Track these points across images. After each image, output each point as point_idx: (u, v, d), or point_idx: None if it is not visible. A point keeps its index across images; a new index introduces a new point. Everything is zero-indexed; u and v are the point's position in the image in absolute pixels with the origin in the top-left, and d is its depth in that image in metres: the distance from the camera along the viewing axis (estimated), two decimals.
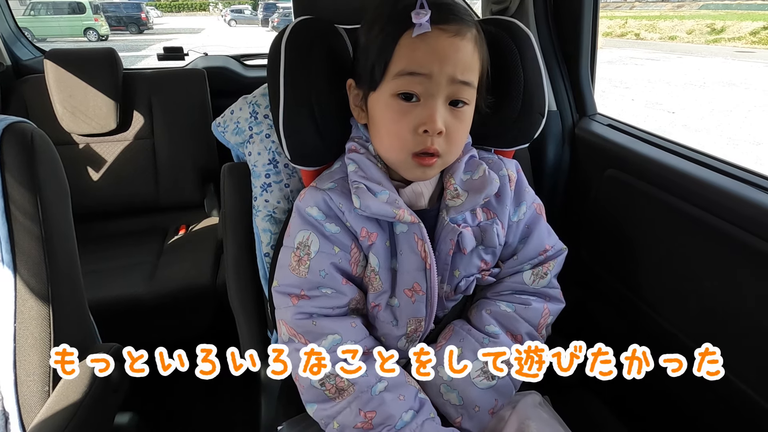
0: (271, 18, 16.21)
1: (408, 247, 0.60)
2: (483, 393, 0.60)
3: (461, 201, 0.62)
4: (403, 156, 0.58)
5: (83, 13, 13.17)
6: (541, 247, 0.68)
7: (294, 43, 0.62)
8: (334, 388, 0.58)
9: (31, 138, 0.64)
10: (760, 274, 0.63)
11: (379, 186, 0.59)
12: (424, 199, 0.64)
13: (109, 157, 1.55)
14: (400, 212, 0.58)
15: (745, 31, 12.82)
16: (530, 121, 0.69)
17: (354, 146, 0.63)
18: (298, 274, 0.59)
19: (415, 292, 0.61)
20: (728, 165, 0.73)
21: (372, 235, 0.60)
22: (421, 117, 0.55)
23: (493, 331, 0.63)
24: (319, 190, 0.61)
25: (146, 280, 1.27)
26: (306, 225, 0.60)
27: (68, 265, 0.69)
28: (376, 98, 0.59)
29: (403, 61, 0.55)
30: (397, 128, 0.57)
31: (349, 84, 0.63)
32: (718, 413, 0.71)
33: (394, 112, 0.56)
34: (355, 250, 0.61)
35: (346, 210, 0.59)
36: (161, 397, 1.24)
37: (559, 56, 1.05)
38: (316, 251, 0.59)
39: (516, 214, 0.67)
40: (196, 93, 1.57)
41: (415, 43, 0.54)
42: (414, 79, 0.55)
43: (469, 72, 0.57)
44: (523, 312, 0.65)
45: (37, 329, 0.64)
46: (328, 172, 0.66)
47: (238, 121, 0.77)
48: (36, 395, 0.64)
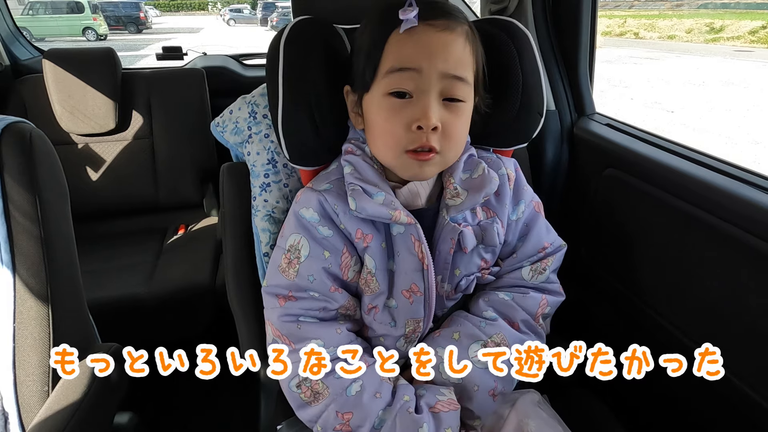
0: (270, 17, 16.20)
1: (405, 248, 0.60)
2: (482, 373, 0.60)
3: (461, 200, 0.61)
4: (397, 154, 0.57)
5: (82, 12, 13.14)
6: (539, 245, 0.68)
7: (293, 42, 0.62)
8: (310, 391, 0.58)
9: (30, 138, 0.64)
10: (758, 274, 0.63)
11: (375, 187, 0.58)
12: (421, 199, 0.63)
13: (108, 157, 1.55)
14: (396, 213, 0.57)
15: (744, 30, 12.82)
16: (529, 121, 0.69)
17: (350, 147, 0.63)
18: (287, 276, 0.59)
19: (413, 293, 0.60)
20: (727, 164, 0.74)
21: (367, 236, 0.60)
22: (414, 113, 0.55)
23: (490, 315, 0.64)
24: (314, 192, 0.61)
25: (145, 280, 1.27)
26: (298, 228, 0.60)
27: (67, 265, 0.69)
28: (370, 100, 0.59)
29: (392, 58, 0.55)
30: (390, 126, 0.56)
31: (346, 90, 0.63)
32: (718, 413, 0.71)
33: (387, 111, 0.56)
34: (347, 254, 0.60)
35: (341, 212, 0.59)
36: (161, 397, 1.24)
37: (558, 56, 1.05)
38: (306, 255, 0.59)
39: (515, 213, 0.67)
40: (195, 93, 1.57)
41: (404, 40, 0.54)
42: (404, 75, 0.54)
43: (461, 67, 0.56)
44: (520, 300, 0.65)
45: (36, 329, 0.64)
46: (324, 173, 0.65)
47: (237, 120, 0.77)
48: (35, 395, 0.64)
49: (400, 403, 0.57)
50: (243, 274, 0.76)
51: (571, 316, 0.71)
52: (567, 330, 0.75)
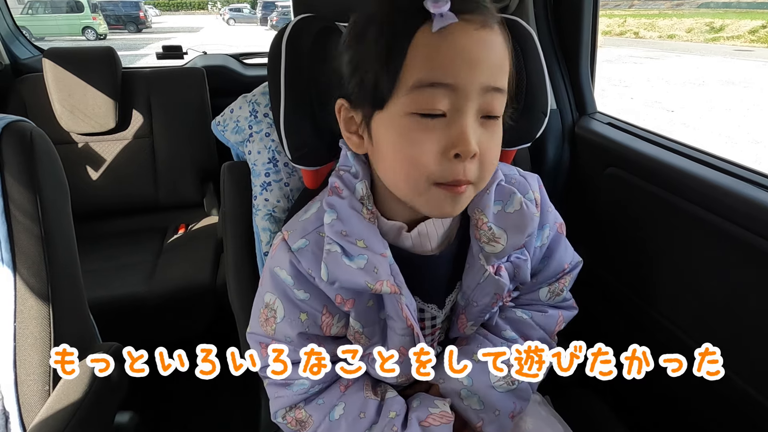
0: (270, 17, 16.18)
1: (393, 310, 0.52)
2: (503, 397, 0.59)
3: (501, 245, 0.51)
4: (423, 188, 0.45)
5: (81, 11, 13.13)
6: (560, 268, 0.65)
7: (294, 41, 0.61)
8: (294, 421, 0.57)
9: (30, 137, 0.64)
10: (760, 273, 0.63)
11: (359, 247, 0.49)
12: (431, 243, 0.54)
13: (108, 157, 1.55)
14: (378, 285, 0.48)
15: (744, 29, 12.82)
16: (533, 121, 0.69)
17: (338, 184, 0.52)
18: (266, 331, 0.57)
19: (403, 354, 0.56)
20: (728, 163, 0.73)
21: (348, 302, 0.52)
22: (449, 137, 0.43)
23: (510, 336, 0.62)
24: (287, 252, 0.52)
25: (146, 279, 1.27)
26: (273, 287, 0.54)
27: (68, 264, 0.69)
28: (384, 119, 0.45)
29: (422, 68, 0.42)
30: (417, 152, 0.44)
31: (339, 106, 0.50)
32: (718, 412, 0.71)
33: (412, 133, 0.44)
34: (327, 315, 0.54)
35: (317, 276, 0.51)
36: (161, 396, 1.24)
37: (559, 54, 1.04)
38: (282, 318, 0.54)
39: (539, 239, 0.61)
40: (195, 92, 1.57)
41: (436, 42, 0.41)
42: (437, 92, 0.42)
43: (501, 75, 0.45)
44: (539, 319, 0.64)
45: (37, 328, 0.64)
46: (303, 217, 0.55)
47: (238, 119, 0.77)
48: (36, 395, 0.64)
49: (385, 421, 0.54)
50: (244, 274, 0.76)
51: None
52: (566, 330, 0.75)
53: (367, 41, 0.45)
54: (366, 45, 0.45)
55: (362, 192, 0.51)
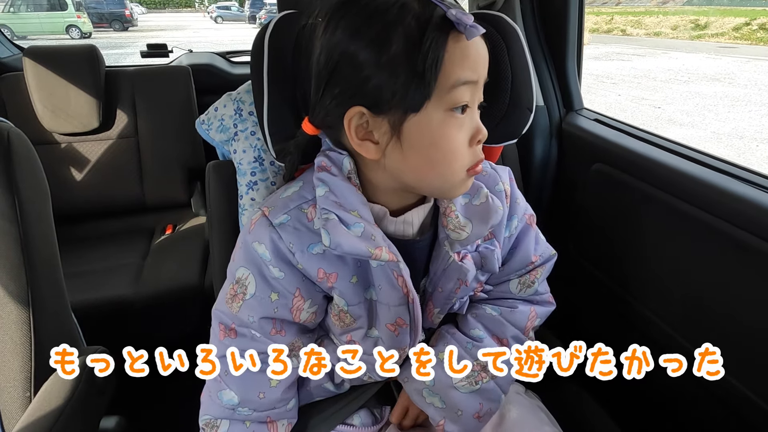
0: (258, 15, 16.05)
1: (386, 281, 0.54)
2: (466, 397, 0.59)
3: (466, 233, 0.55)
4: (462, 176, 0.51)
5: (65, 9, 12.89)
6: (527, 260, 0.66)
7: (277, 38, 0.61)
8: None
9: (7, 138, 0.62)
10: (745, 268, 0.64)
11: (354, 216, 0.50)
12: (412, 229, 0.57)
13: (92, 157, 1.52)
14: (377, 251, 0.50)
15: (727, 27, 13.02)
16: (518, 117, 0.69)
17: (325, 162, 0.54)
18: (231, 308, 0.55)
19: (399, 326, 0.56)
20: (714, 159, 0.74)
21: (331, 276, 0.53)
22: (471, 127, 0.50)
23: (477, 335, 0.63)
24: (268, 227, 0.52)
25: (133, 281, 1.25)
26: (248, 262, 0.54)
27: (49, 267, 0.67)
28: (421, 121, 0.48)
29: (458, 70, 0.46)
30: (457, 145, 0.49)
31: (353, 115, 0.48)
32: (710, 409, 0.72)
33: (450, 129, 0.48)
34: (299, 297, 0.54)
35: (298, 251, 0.52)
36: (148, 400, 1.22)
37: (546, 51, 1.05)
38: (252, 294, 0.54)
39: (508, 230, 0.64)
40: (180, 90, 1.54)
41: (463, 46, 0.47)
42: (467, 89, 0.48)
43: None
44: (509, 315, 0.64)
45: (17, 334, 0.62)
46: (284, 195, 0.56)
47: (223, 118, 0.75)
48: (17, 401, 0.63)
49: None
50: None
51: (558, 312, 0.71)
52: (554, 326, 0.75)
53: (395, 52, 0.45)
54: (393, 55, 0.45)
55: (349, 167, 0.53)
